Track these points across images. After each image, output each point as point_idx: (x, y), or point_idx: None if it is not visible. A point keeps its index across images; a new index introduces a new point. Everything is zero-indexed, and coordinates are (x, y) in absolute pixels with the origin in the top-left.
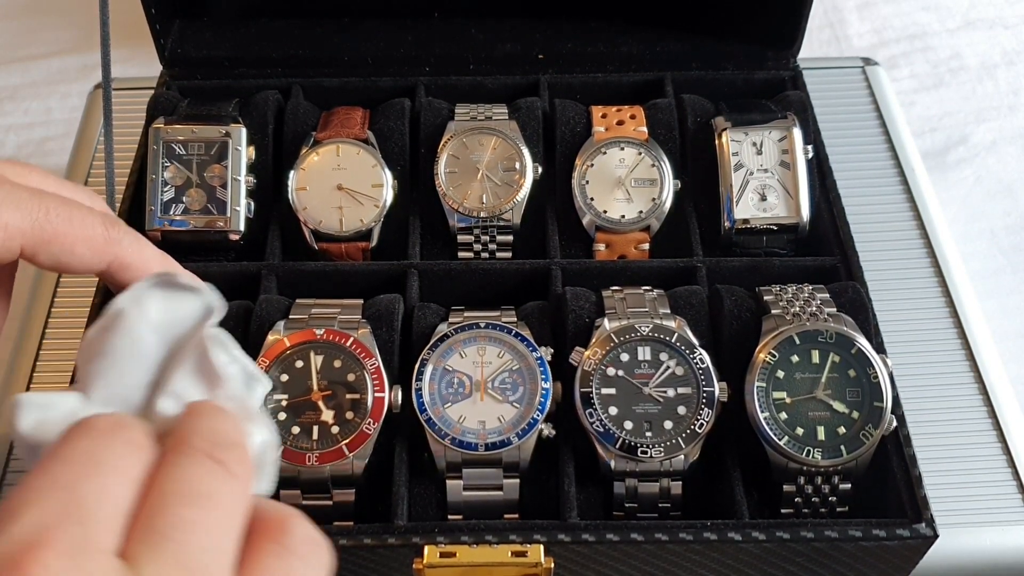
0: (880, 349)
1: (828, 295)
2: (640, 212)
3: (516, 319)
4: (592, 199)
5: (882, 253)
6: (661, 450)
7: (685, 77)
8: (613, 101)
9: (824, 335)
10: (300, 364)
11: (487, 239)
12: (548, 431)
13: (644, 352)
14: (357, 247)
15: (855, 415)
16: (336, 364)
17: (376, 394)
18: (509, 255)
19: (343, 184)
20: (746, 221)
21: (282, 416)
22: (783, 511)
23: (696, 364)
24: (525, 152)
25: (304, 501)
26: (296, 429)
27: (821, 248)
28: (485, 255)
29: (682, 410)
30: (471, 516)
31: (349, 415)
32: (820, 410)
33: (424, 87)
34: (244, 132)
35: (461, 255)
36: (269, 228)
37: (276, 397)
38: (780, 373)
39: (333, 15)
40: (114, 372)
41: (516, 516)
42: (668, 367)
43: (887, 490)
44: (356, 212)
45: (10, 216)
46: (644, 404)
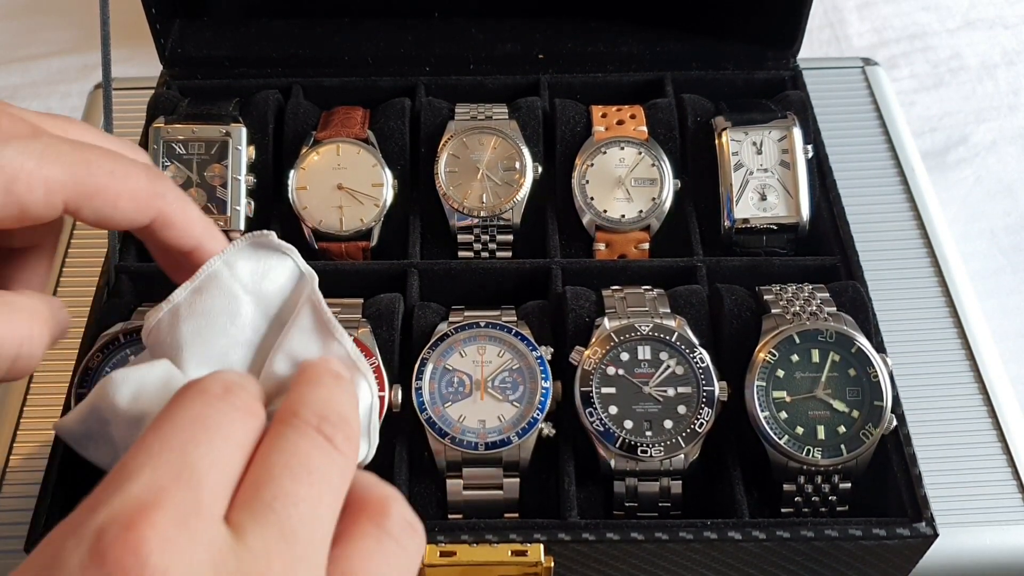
0: (880, 348)
1: (828, 294)
2: (640, 211)
3: (516, 318)
4: (592, 198)
5: (882, 253)
6: (661, 449)
7: (685, 77)
8: (613, 101)
9: (824, 334)
10: None
11: (487, 239)
12: (548, 430)
13: (644, 351)
14: (357, 246)
15: (855, 414)
16: None
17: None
18: (509, 255)
19: (343, 183)
20: (746, 221)
21: None
22: (783, 510)
23: (696, 363)
24: (525, 152)
25: None
26: None
27: (821, 248)
28: (485, 255)
29: (682, 409)
30: (471, 515)
31: None
32: (820, 409)
33: (424, 87)
34: (244, 132)
35: (461, 255)
36: (269, 227)
37: None
38: (780, 372)
39: (333, 15)
40: (210, 331)
41: (516, 515)
42: (668, 366)
43: (887, 489)
44: (356, 211)
45: (51, 170)
46: (644, 403)
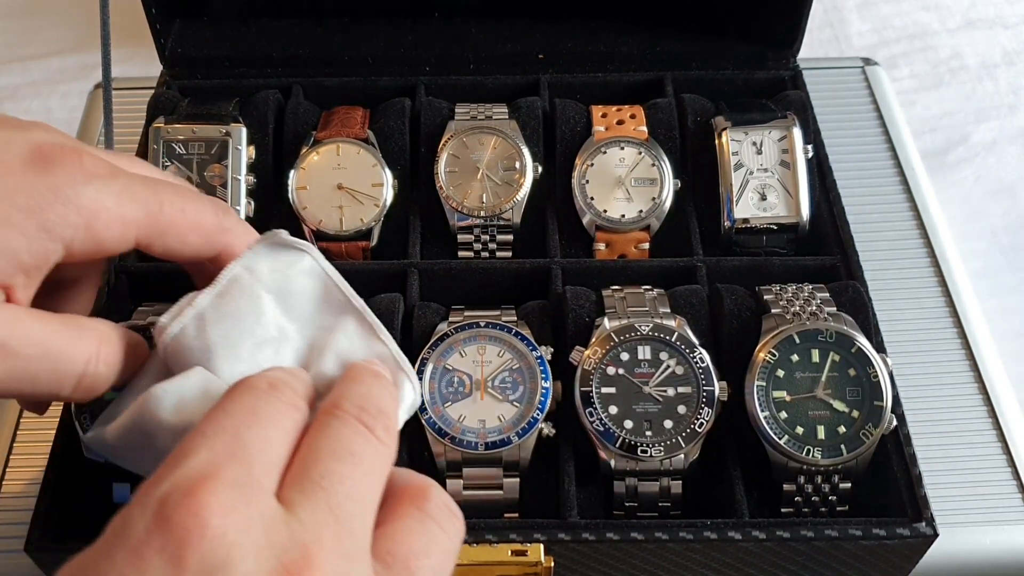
0: (880, 348)
1: (828, 294)
2: (640, 211)
3: (516, 318)
4: (592, 198)
5: (882, 253)
6: (661, 449)
7: (685, 77)
8: (613, 101)
9: (824, 334)
10: None
11: (487, 238)
12: (548, 430)
13: (644, 351)
14: (357, 246)
15: (855, 414)
16: None
17: None
18: (509, 254)
19: (343, 183)
20: (746, 220)
21: None
22: (783, 510)
23: (696, 363)
24: (525, 151)
25: None
26: None
27: (821, 248)
28: (485, 254)
29: (682, 409)
30: (471, 515)
31: None
32: (820, 409)
33: (424, 87)
34: (244, 131)
35: (461, 254)
36: (269, 228)
37: None
38: (780, 372)
39: (333, 15)
40: (238, 333)
41: (516, 515)
42: (668, 366)
43: (887, 489)
44: (356, 211)
45: (128, 208)
46: (644, 403)
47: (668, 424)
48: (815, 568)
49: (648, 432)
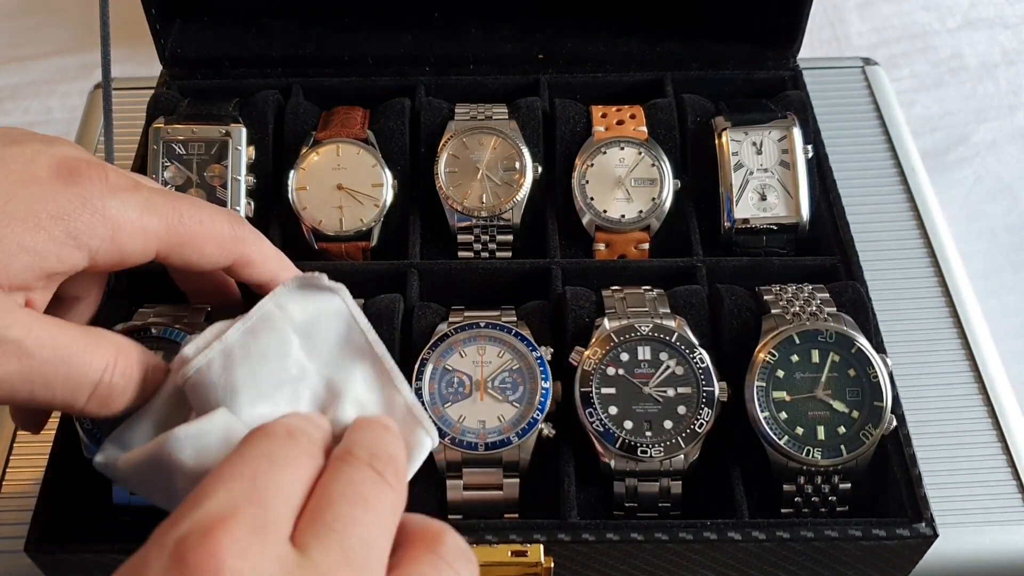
0: (880, 349)
1: (828, 295)
2: (640, 212)
3: (516, 319)
4: (592, 199)
5: (882, 253)
6: (661, 450)
7: (685, 77)
8: (613, 101)
9: (824, 334)
10: None
11: (487, 239)
12: (548, 431)
13: (644, 352)
14: (357, 247)
15: (855, 414)
16: None
17: None
18: (509, 255)
19: (343, 184)
20: (746, 221)
21: None
22: (783, 511)
23: (696, 364)
24: (525, 152)
25: None
26: None
27: (821, 248)
28: (485, 255)
29: (682, 410)
30: (471, 516)
31: None
32: (820, 409)
33: (424, 87)
34: (244, 132)
35: (461, 255)
36: (269, 228)
37: None
38: (780, 372)
39: (333, 15)
40: (263, 372)
41: (516, 516)
42: (668, 367)
43: (887, 490)
44: (356, 212)
45: (150, 221)
46: (644, 404)
47: (668, 424)
48: (815, 568)
49: (648, 432)
